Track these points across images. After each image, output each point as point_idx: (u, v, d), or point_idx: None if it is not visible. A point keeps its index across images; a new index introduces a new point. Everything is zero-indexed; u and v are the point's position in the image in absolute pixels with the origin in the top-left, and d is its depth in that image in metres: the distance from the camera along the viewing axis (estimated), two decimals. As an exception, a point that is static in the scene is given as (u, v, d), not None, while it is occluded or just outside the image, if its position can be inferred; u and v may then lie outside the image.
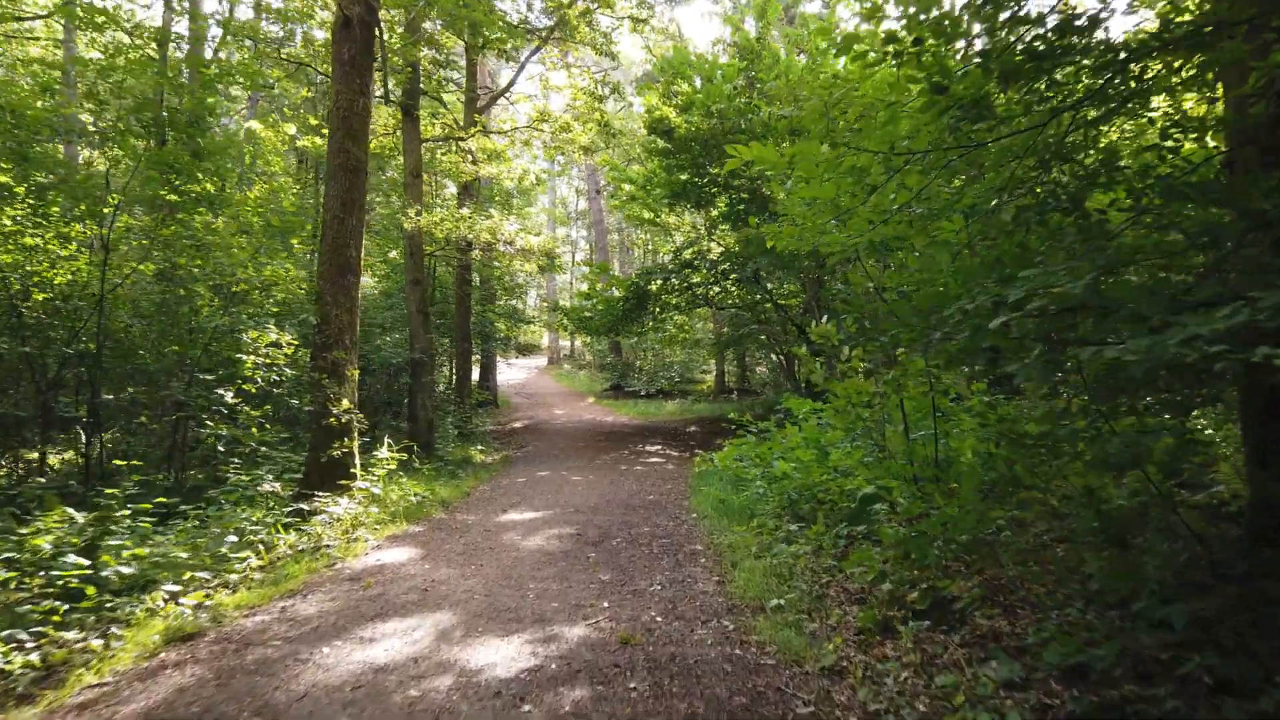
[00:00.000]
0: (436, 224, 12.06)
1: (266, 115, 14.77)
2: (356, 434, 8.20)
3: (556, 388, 26.83)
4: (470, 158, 13.91)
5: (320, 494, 7.36)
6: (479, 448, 13.58)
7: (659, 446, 14.24)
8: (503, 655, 4.06)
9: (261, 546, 6.08)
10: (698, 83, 13.97)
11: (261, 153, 14.67)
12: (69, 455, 8.59)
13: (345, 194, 8.13)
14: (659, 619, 4.61)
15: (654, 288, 14.72)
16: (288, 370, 8.21)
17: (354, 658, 4.07)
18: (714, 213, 17.93)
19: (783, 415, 11.33)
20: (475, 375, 22.13)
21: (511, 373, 30.61)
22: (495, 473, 11.50)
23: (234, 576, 5.46)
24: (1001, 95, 3.77)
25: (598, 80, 13.51)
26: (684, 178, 15.42)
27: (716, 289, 16.71)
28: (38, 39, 14.81)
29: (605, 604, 4.92)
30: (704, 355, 25.62)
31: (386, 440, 8.77)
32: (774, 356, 24.73)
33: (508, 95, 16.09)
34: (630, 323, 15.46)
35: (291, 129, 12.95)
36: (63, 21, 12.63)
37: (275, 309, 9.50)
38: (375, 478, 8.21)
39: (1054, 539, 5.24)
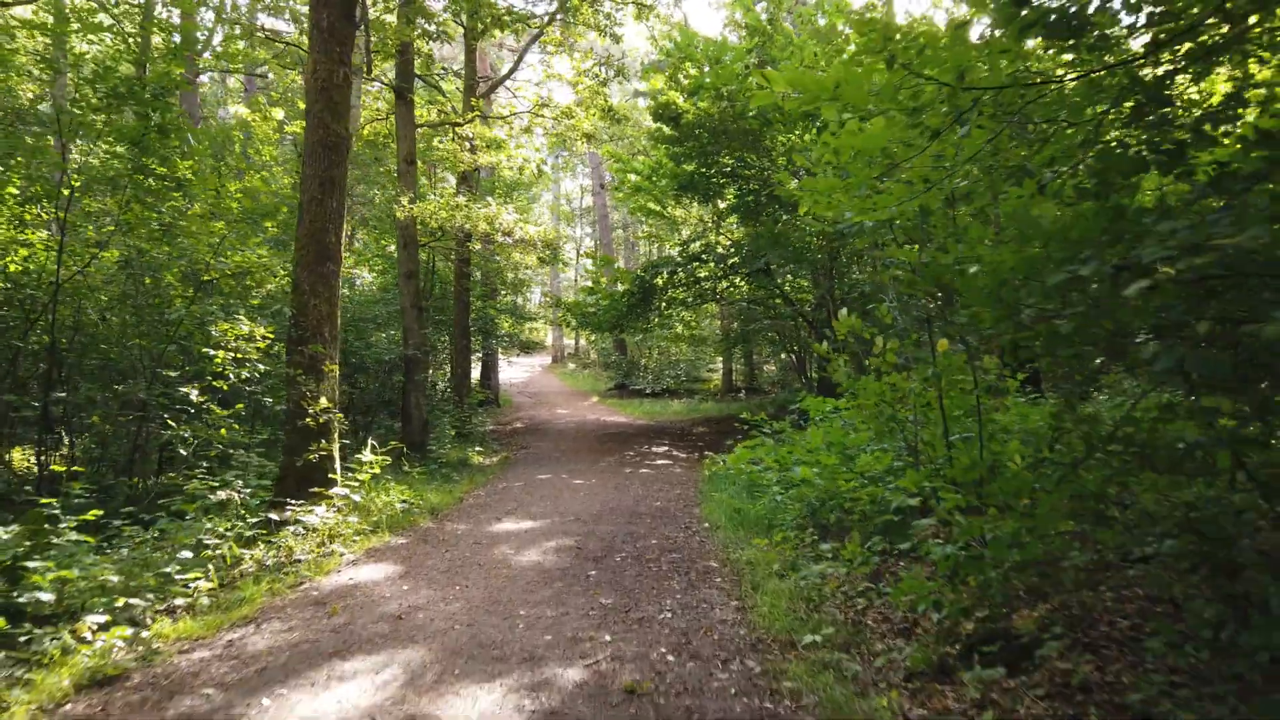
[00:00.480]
0: (430, 213, 11.32)
1: (258, 101, 14.04)
2: (337, 435, 7.45)
3: (560, 386, 26.09)
4: (468, 145, 13.16)
5: (294, 502, 6.61)
6: (477, 449, 12.84)
7: (665, 448, 13.47)
8: (482, 708, 3.30)
9: (221, 563, 5.34)
10: (706, 68, 13.21)
11: (253, 140, 13.94)
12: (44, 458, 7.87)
13: (324, 173, 7.38)
14: (670, 657, 3.84)
15: (660, 282, 13.96)
16: (261, 366, 7.45)
17: (300, 711, 3.31)
18: (722, 205, 17.17)
19: (798, 416, 10.55)
20: (476, 373, 21.41)
21: (514, 371, 29.87)
22: (492, 476, 10.75)
23: (181, 601, 4.72)
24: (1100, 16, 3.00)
25: (601, 62, 12.73)
26: (691, 168, 14.65)
27: (725, 283, 15.94)
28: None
29: (607, 637, 4.16)
30: (710, 353, 24.84)
31: (370, 443, 8.02)
32: (783, 354, 23.96)
33: (509, 84, 15.34)
34: (635, 319, 14.69)
35: (279, 114, 12.21)
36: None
37: (256, 300, 8.75)
38: (357, 483, 7.46)
39: (1127, 558, 4.47)
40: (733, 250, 14.23)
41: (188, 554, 5.25)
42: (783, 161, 14.75)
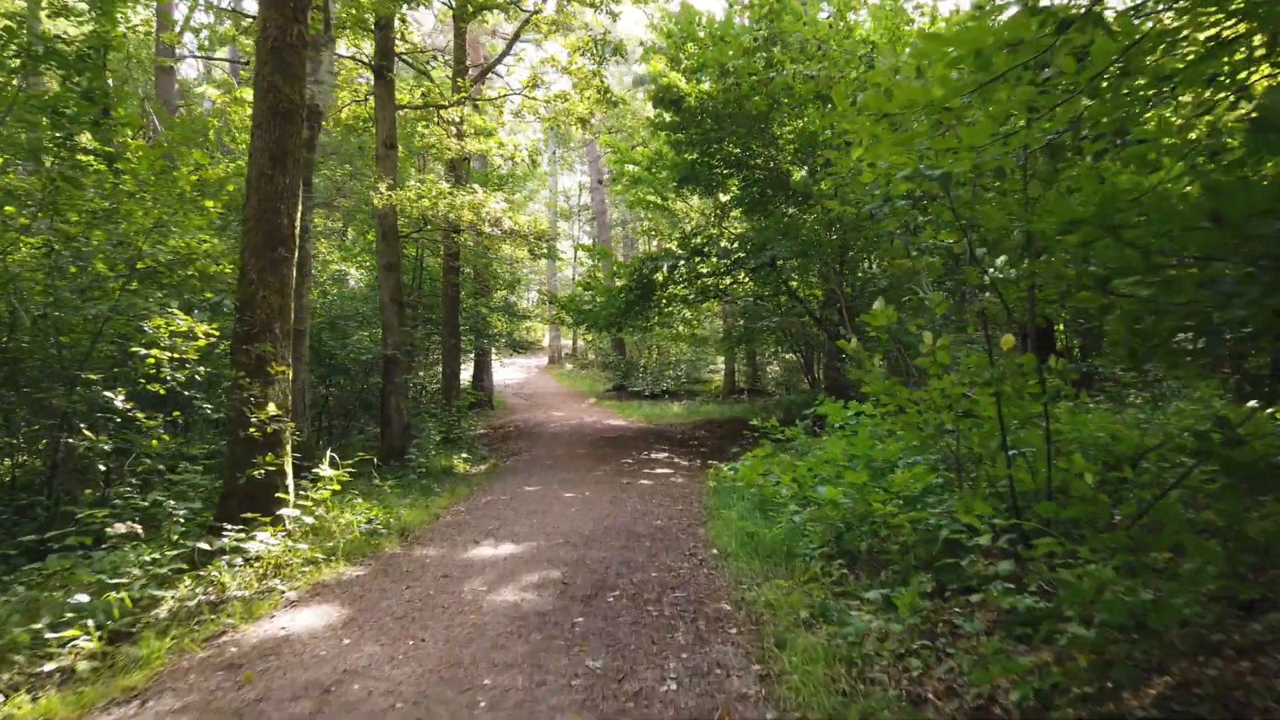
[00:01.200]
0: (410, 201, 10.28)
1: (228, 82, 12.99)
2: (289, 447, 6.41)
3: (557, 388, 25.04)
4: (455, 131, 12.13)
5: (233, 527, 5.57)
6: (463, 455, 11.80)
7: (665, 454, 12.43)
8: None
9: (125, 607, 4.30)
10: (710, 47, 12.18)
11: (230, 128, 12.93)
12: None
13: (276, 145, 6.34)
14: (677, 763, 2.81)
15: (660, 278, 12.92)
16: (203, 368, 6.41)
17: None
18: (725, 198, 16.13)
19: (812, 421, 9.52)
20: (468, 374, 20.36)
21: (510, 372, 28.82)
22: (477, 487, 9.70)
23: (52, 665, 3.68)
24: None
25: (596, 40, 11.70)
26: (692, 156, 13.61)
27: (728, 279, 14.90)
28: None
29: (592, 725, 3.13)
30: (711, 353, 23.81)
31: (330, 455, 6.97)
32: (787, 355, 22.91)
33: (500, 68, 14.28)
34: (634, 316, 13.65)
35: (249, 93, 11.15)
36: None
37: (209, 294, 7.71)
38: (312, 502, 6.43)
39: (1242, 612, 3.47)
40: (737, 244, 13.19)
41: (84, 597, 4.22)
42: (791, 149, 13.73)
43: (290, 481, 6.39)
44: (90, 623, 3.95)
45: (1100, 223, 2.37)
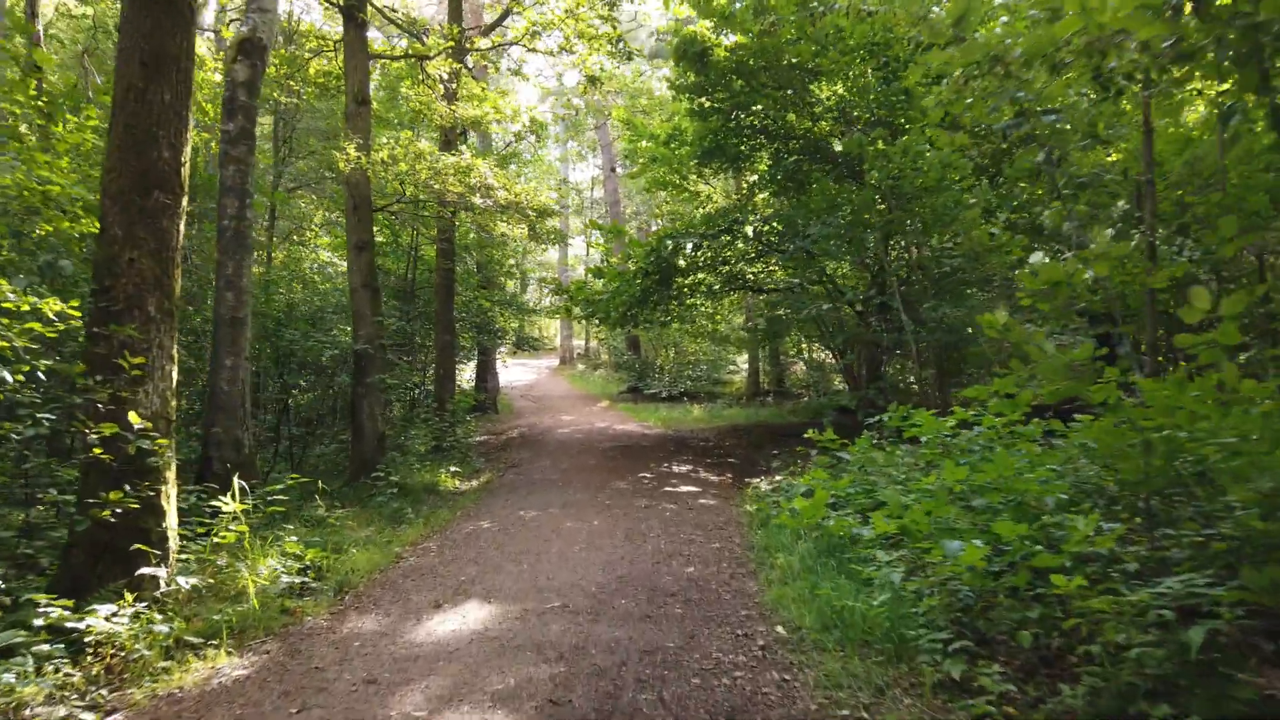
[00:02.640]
0: (383, 164, 8.30)
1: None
2: (170, 472, 4.42)
3: (567, 390, 23.03)
4: (444, 90, 10.14)
5: (58, 604, 3.58)
6: (453, 469, 9.79)
7: (689, 467, 10.37)
8: None
9: None
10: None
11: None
12: None
13: (150, 45, 4.36)
14: None
15: (681, 261, 10.86)
16: (47, 361, 4.42)
17: None
18: (752, 178, 14.07)
19: (881, 434, 7.42)
20: (470, 375, 18.38)
21: (518, 373, 26.83)
22: (461, 510, 7.69)
23: None
24: None
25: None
26: (716, 124, 11.56)
27: (757, 267, 12.82)
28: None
29: None
30: (731, 351, 21.69)
31: (236, 482, 4.96)
32: (817, 353, 20.76)
33: (502, 27, 12.29)
34: (651, 307, 11.60)
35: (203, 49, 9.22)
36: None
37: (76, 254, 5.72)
38: (216, 546, 4.45)
39: None
40: (767, 226, 11.11)
41: None
42: (830, 118, 11.66)
43: (172, 522, 4.39)
44: None
45: None
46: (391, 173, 8.37)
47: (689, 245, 10.15)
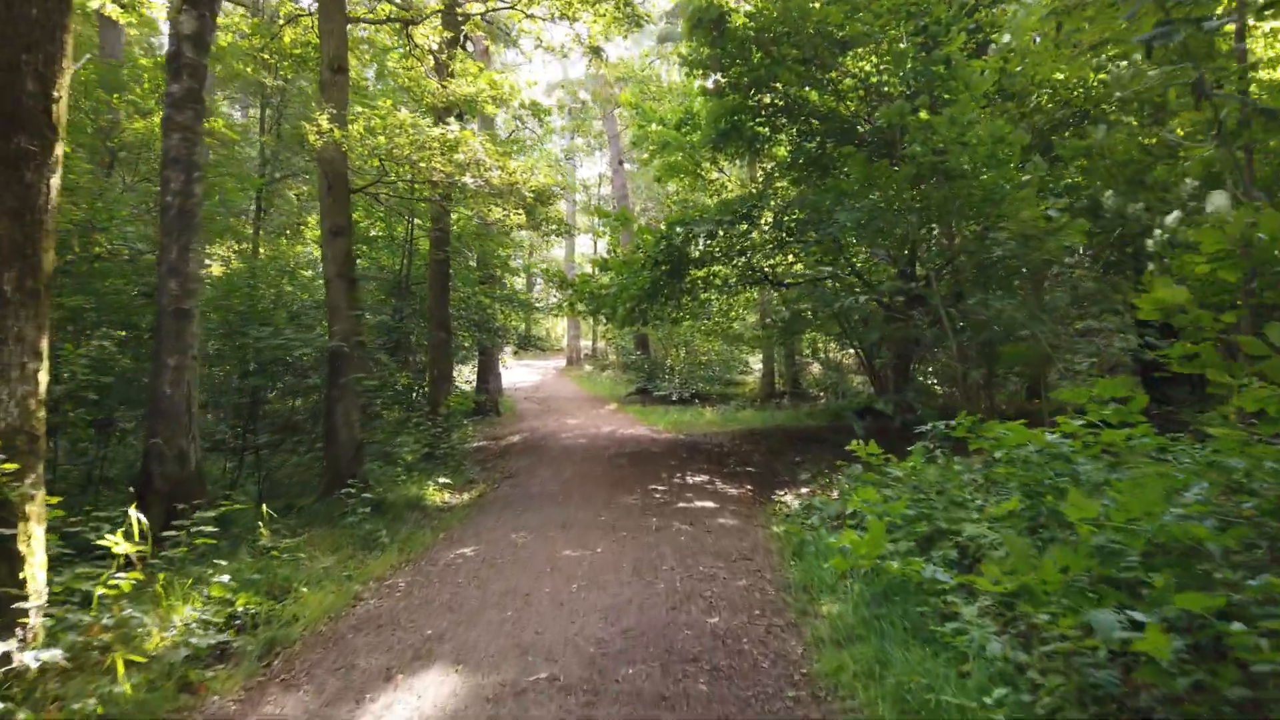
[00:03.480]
0: (360, 137, 7.22)
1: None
2: (35, 505, 3.33)
3: (574, 391, 21.91)
4: (434, 62, 9.05)
5: None
6: (441, 480, 8.69)
7: (704, 477, 9.24)
8: None
9: None
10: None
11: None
12: None
13: (8, -57, 3.28)
14: None
15: (694, 251, 9.73)
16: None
17: None
18: (769, 165, 12.92)
19: (937, 444, 6.27)
20: (471, 376, 17.29)
21: (524, 374, 25.74)
22: (444, 534, 6.59)
23: None
24: None
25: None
26: (734, 101, 10.42)
27: (775, 260, 11.68)
28: None
29: None
30: (744, 351, 20.52)
31: (134, 515, 3.86)
32: (830, 354, 19.58)
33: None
34: (662, 302, 10.47)
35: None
36: None
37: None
38: (104, 599, 3.35)
39: None
40: (788, 214, 9.96)
41: None
42: (858, 95, 10.52)
43: (36, 572, 3.30)
44: None
45: None
46: (368, 147, 7.27)
47: (703, 233, 9.01)
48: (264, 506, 5.42)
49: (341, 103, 7.66)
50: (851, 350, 15.29)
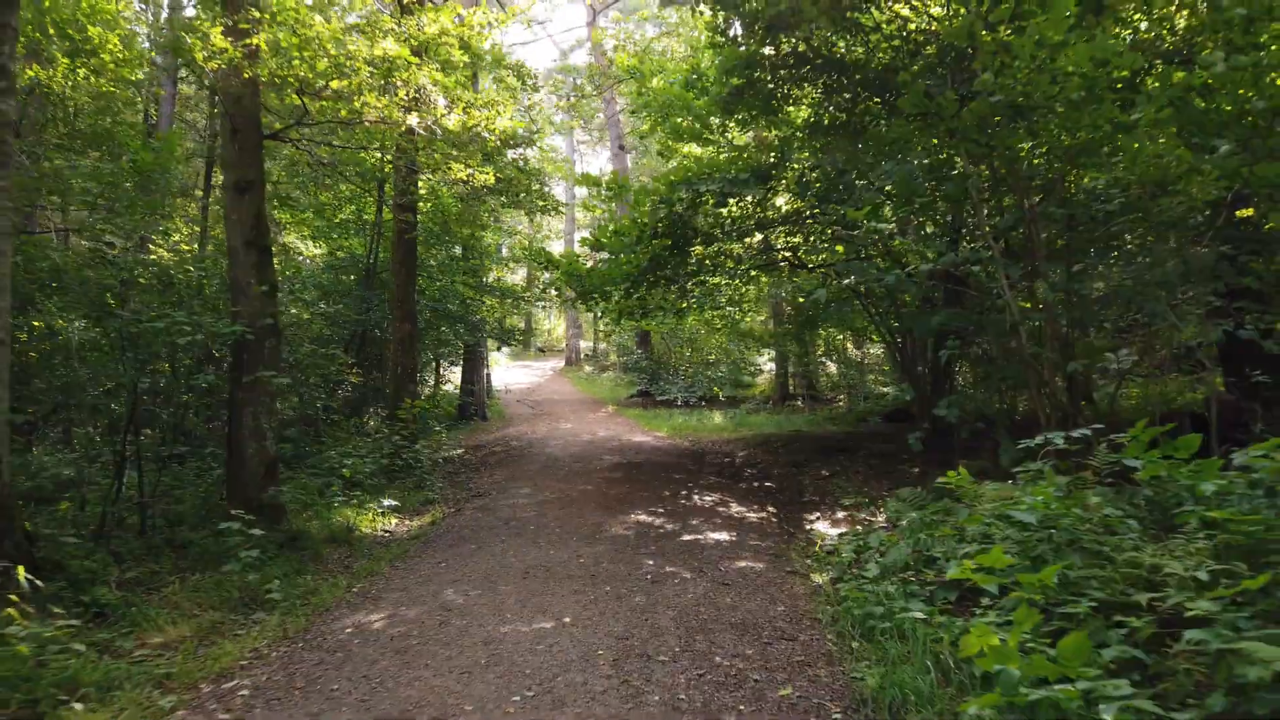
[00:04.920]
0: (270, 54, 5.35)
1: None
2: None
3: (572, 393, 20.01)
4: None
5: None
6: (386, 503, 6.81)
7: (715, 496, 7.32)
8: None
9: None
10: None
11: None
12: None
13: None
14: None
15: (701, 222, 7.82)
16: None
17: None
18: (786, 132, 11.00)
19: (1056, 455, 4.33)
20: (464, 378, 15.38)
21: (520, 374, 23.83)
22: (359, 585, 4.68)
23: None
24: None
25: None
26: (751, 49, 8.52)
27: (797, 239, 9.77)
28: None
29: None
30: (754, 350, 18.56)
31: None
32: (849, 352, 17.60)
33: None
34: (661, 285, 8.56)
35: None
36: None
37: None
38: None
39: None
40: (815, 173, 8.08)
41: None
42: (888, 48, 8.60)
43: None
44: None
45: None
46: (283, 71, 5.40)
47: (712, 193, 7.10)
48: (20, 569, 3.50)
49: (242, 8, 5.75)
50: (883, 345, 13.33)
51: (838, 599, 4.14)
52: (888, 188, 6.70)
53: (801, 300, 11.76)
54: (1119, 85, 6.33)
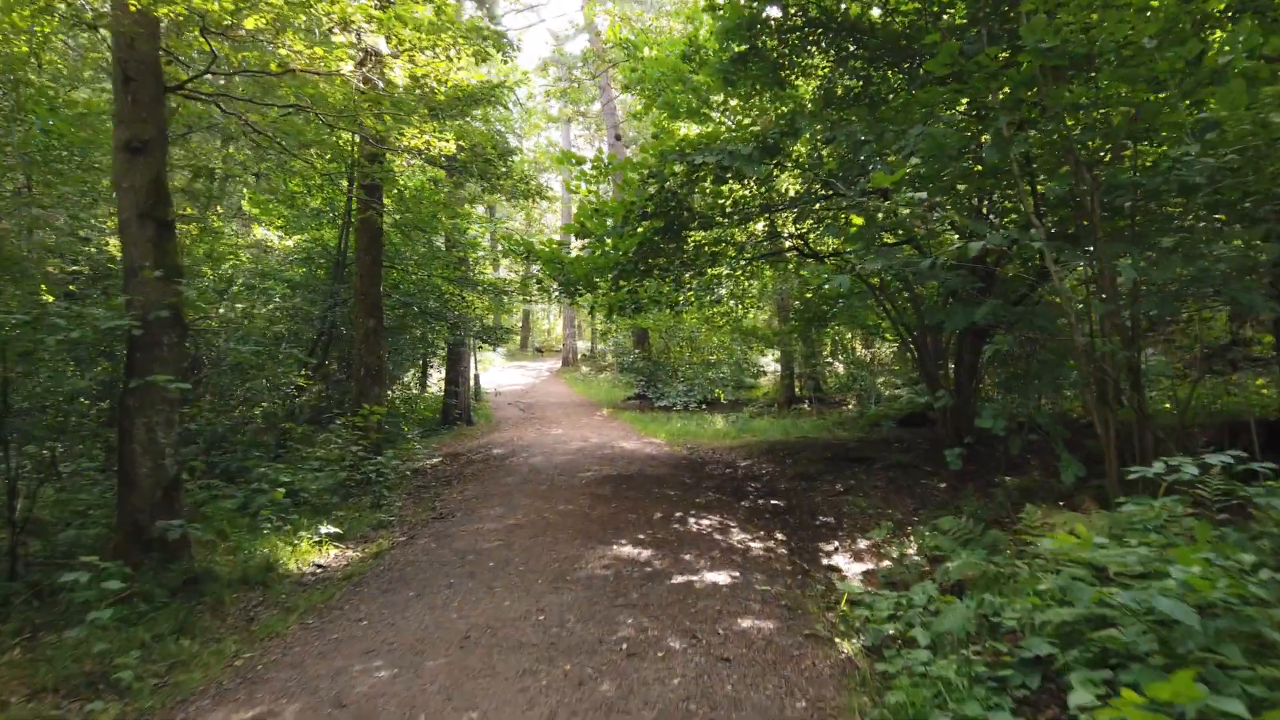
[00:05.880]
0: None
1: None
2: None
3: (566, 395, 18.86)
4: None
5: None
6: (325, 530, 5.66)
7: (716, 519, 6.17)
8: None
9: None
10: None
11: None
12: None
13: None
14: None
15: (698, 201, 6.67)
16: None
17: None
18: (786, 107, 9.84)
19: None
20: (463, 379, 14.24)
21: (514, 375, 22.67)
22: (242, 659, 3.53)
23: None
24: None
25: None
26: (753, 7, 7.37)
27: (806, 224, 8.65)
28: None
29: None
30: (757, 349, 17.40)
31: None
32: (852, 352, 16.43)
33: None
34: (654, 276, 7.41)
35: None
36: None
37: None
38: None
39: None
40: (828, 151, 6.94)
41: None
42: (910, 8, 7.44)
43: None
44: None
45: None
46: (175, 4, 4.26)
47: (710, 164, 5.95)
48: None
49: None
50: (894, 344, 12.22)
51: (877, 684, 3.00)
52: (913, 160, 5.54)
53: (810, 295, 10.58)
54: (1207, 25, 5.18)
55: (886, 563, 5.03)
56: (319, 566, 5.15)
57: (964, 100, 6.00)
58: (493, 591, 4.29)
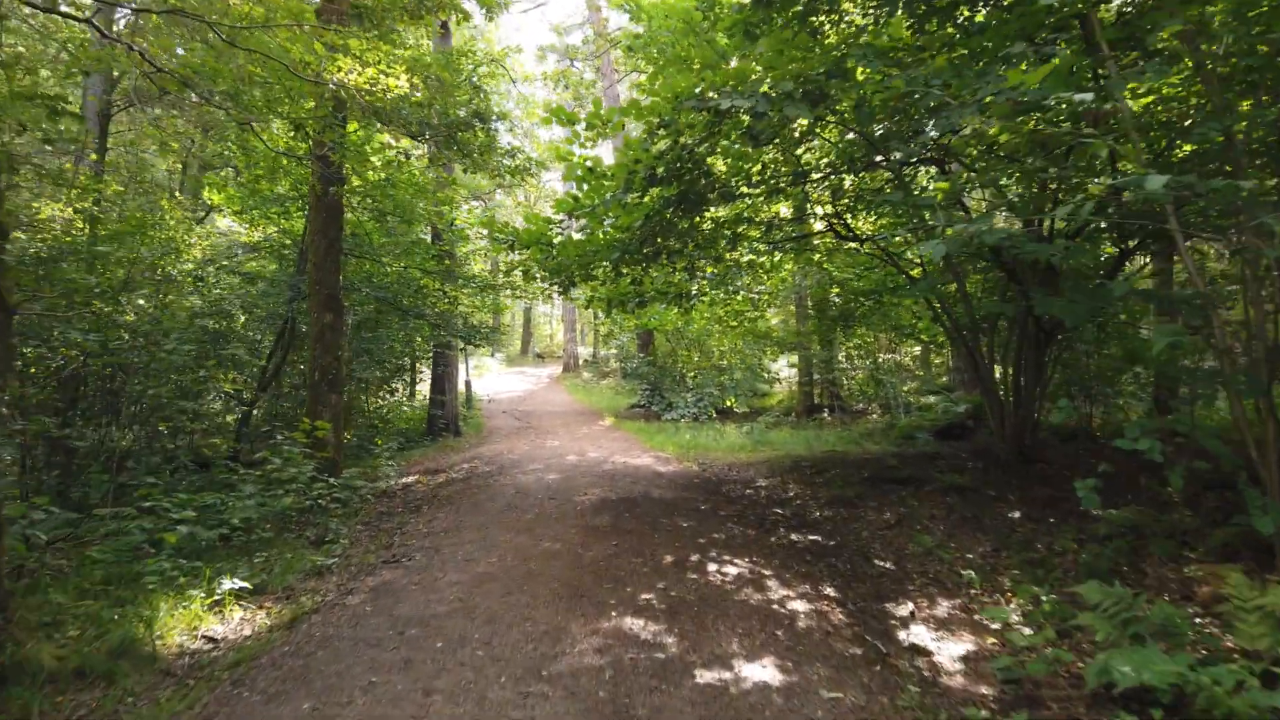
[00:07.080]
0: None
1: None
2: None
3: (566, 403, 17.40)
4: None
5: None
6: (228, 584, 4.21)
7: (744, 563, 4.70)
8: None
9: None
10: None
11: None
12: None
13: None
14: None
15: (720, 163, 5.23)
16: None
17: None
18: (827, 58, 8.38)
19: None
20: (453, 387, 12.77)
21: (513, 381, 21.21)
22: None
23: None
24: None
25: None
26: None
27: (845, 200, 7.19)
28: None
29: None
30: (771, 354, 15.88)
31: None
32: (875, 356, 14.91)
33: None
34: (658, 259, 5.96)
35: None
36: None
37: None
38: None
39: None
40: (878, 101, 5.46)
41: None
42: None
43: None
44: None
45: None
46: None
47: (742, 112, 4.50)
48: None
49: None
50: (919, 346, 10.76)
51: None
52: (988, 99, 4.08)
53: (836, 290, 9.09)
54: None
55: (992, 641, 3.55)
56: (209, 640, 3.68)
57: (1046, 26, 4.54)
58: (429, 701, 2.82)
